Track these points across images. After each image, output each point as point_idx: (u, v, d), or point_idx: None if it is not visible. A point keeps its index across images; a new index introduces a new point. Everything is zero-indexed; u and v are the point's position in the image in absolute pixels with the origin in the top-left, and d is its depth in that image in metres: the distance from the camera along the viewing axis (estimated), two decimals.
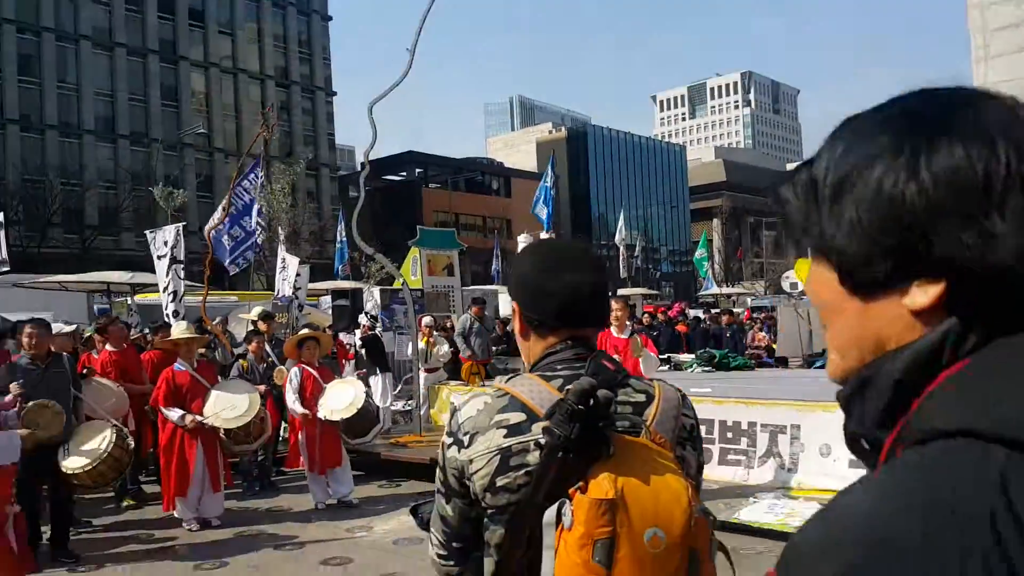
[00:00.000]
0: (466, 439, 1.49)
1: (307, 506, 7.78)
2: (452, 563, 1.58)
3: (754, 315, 23.93)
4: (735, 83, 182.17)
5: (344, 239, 22.50)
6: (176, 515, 7.18)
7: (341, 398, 7.60)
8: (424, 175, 64.72)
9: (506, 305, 19.85)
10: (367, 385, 9.58)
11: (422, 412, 10.78)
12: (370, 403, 7.83)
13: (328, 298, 17.54)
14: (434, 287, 18.06)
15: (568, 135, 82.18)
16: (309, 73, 60.86)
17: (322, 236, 43.23)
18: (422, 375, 11.14)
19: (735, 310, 23.62)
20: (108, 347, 7.92)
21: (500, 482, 1.43)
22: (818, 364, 14.94)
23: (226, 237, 12.91)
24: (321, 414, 7.57)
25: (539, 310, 1.56)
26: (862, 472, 0.66)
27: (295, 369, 7.89)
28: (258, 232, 12.82)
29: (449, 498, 1.53)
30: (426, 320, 11.80)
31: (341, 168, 69.21)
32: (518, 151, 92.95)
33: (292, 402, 7.76)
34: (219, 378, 7.79)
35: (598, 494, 1.27)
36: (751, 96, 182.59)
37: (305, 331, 8.60)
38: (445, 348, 11.99)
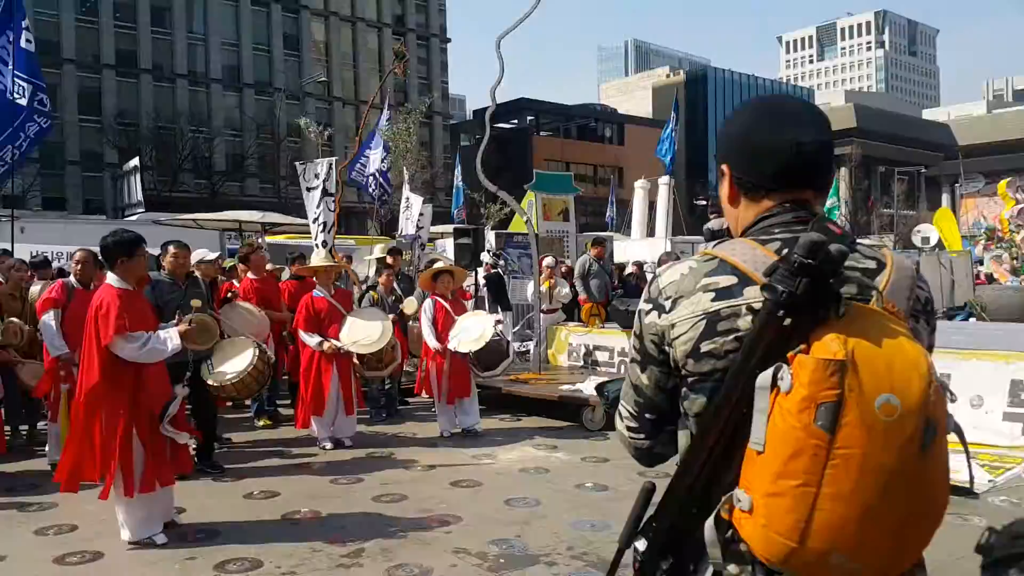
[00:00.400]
0: (668, 303, 1.42)
1: (432, 434, 7.99)
2: (643, 436, 1.54)
3: None
4: (868, 23, 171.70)
5: (460, 183, 22.68)
6: (311, 433, 7.50)
7: (473, 331, 7.69)
8: (535, 122, 64.27)
9: (622, 252, 19.66)
10: None
11: (540, 350, 10.86)
12: (501, 337, 7.88)
13: (444, 241, 17.73)
14: (548, 232, 18.00)
15: (687, 78, 79.70)
16: (424, 21, 61.09)
17: (433, 184, 43.84)
18: (541, 316, 11.17)
19: None
20: (249, 275, 8.26)
21: (705, 348, 1.36)
22: (960, 317, 14.20)
23: (354, 172, 13.27)
24: (452, 346, 7.70)
25: (755, 171, 1.46)
26: (1017, 425, 0.56)
27: (429, 301, 8.04)
28: (384, 163, 13.09)
29: (645, 366, 1.48)
30: (547, 261, 11.81)
31: (453, 117, 69.64)
32: (632, 97, 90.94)
33: (427, 334, 7.92)
34: (354, 306, 8.02)
35: (825, 354, 1.18)
36: (885, 37, 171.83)
37: (440, 264, 8.70)
38: (565, 290, 11.96)
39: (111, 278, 4.96)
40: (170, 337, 4.79)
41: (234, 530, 5.07)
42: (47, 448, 6.69)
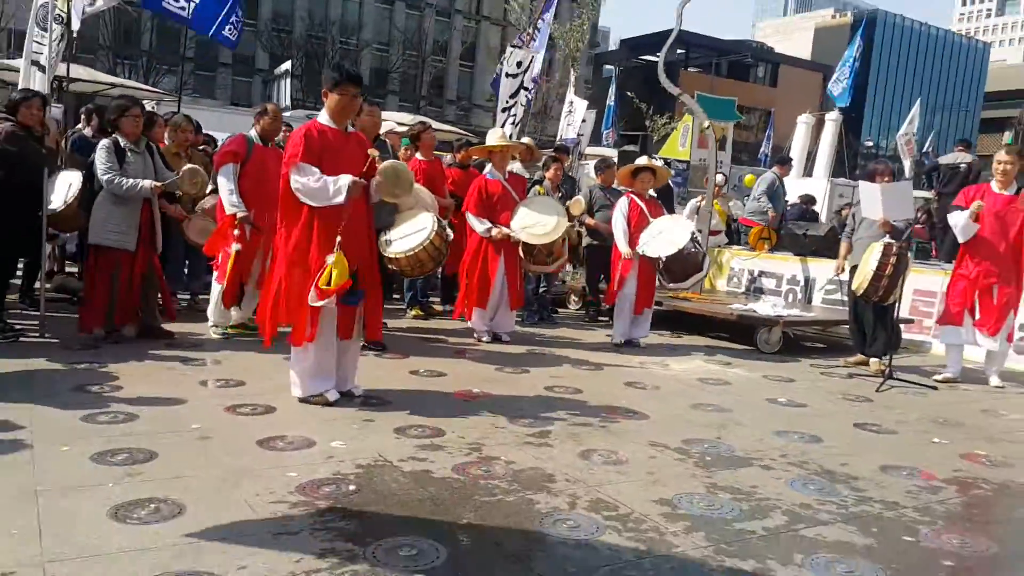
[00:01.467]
0: None
1: (595, 339, 7.52)
2: None
3: None
4: None
5: (613, 102, 21.84)
6: (470, 324, 7.15)
7: (668, 234, 7.04)
8: (685, 56, 61.48)
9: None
10: None
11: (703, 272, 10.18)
12: (696, 246, 7.20)
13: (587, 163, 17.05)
14: (702, 160, 17.01)
15: (853, 20, 74.34)
16: None
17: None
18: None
19: None
20: (418, 155, 7.88)
21: None
22: None
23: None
24: (641, 249, 7.10)
25: None
26: None
27: (624, 199, 7.46)
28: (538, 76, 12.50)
29: None
30: (718, 178, 10.98)
31: (599, 45, 67.65)
32: (790, 39, 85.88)
33: (619, 235, 7.33)
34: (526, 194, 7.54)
35: None
36: None
37: (643, 160, 8.05)
38: (734, 204, 11.15)
39: (321, 114, 4.63)
40: (343, 184, 4.33)
41: (408, 400, 4.76)
42: (209, 310, 6.51)
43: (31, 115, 5.71)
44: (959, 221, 6.53)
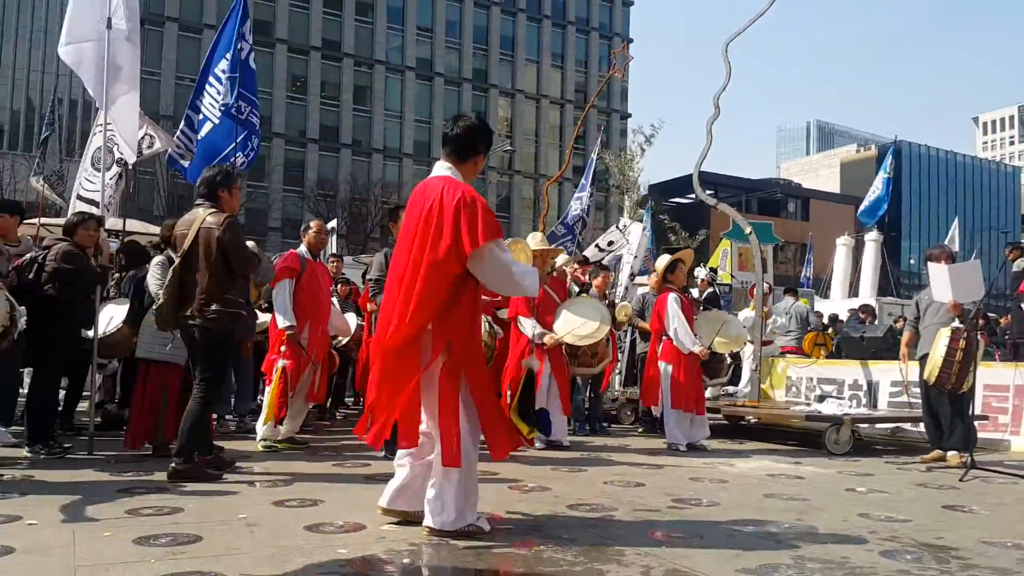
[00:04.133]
0: None
1: (652, 445, 7.21)
2: None
3: None
4: None
5: (649, 234, 22.14)
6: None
7: (720, 330, 6.90)
8: (715, 195, 62.72)
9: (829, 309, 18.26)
10: None
11: (756, 383, 9.87)
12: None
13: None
14: (743, 283, 16.97)
15: (879, 153, 75.84)
16: (607, 93, 62.00)
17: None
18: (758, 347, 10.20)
19: None
20: None
21: None
22: None
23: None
24: (693, 347, 6.94)
25: None
26: None
27: (673, 295, 7.36)
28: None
29: None
30: (765, 287, 10.87)
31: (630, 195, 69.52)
32: (817, 175, 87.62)
33: (684, 334, 7.16)
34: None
35: None
36: None
37: (679, 254, 8.03)
38: (782, 319, 10.95)
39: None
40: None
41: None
42: (258, 424, 6.43)
43: (88, 236, 5.88)
44: None
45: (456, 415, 3.39)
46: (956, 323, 6.24)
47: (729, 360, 8.20)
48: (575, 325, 6.84)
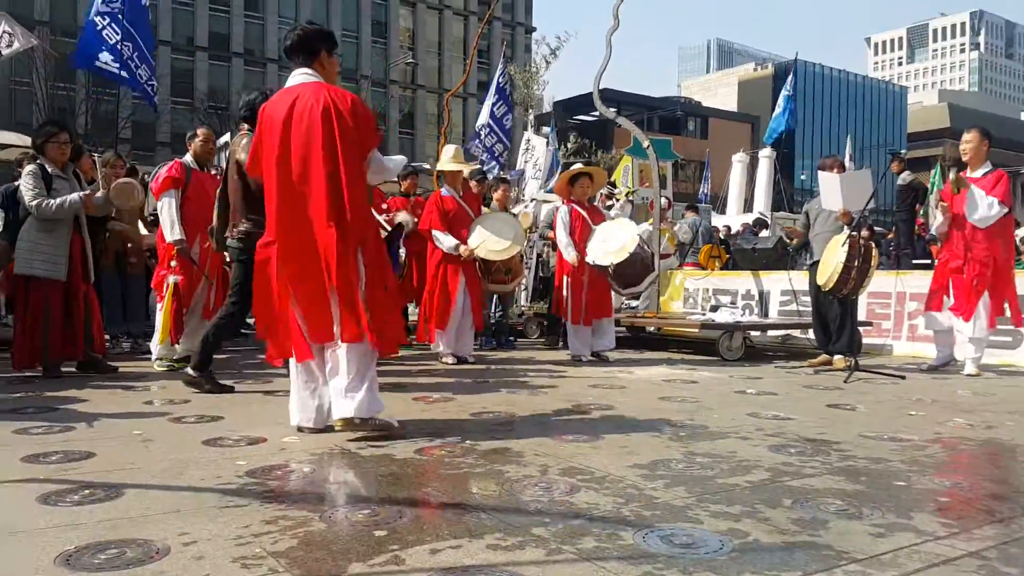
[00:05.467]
0: None
1: (558, 357, 7.35)
2: None
3: None
4: (962, 24, 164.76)
5: (554, 152, 22.11)
6: (434, 348, 6.94)
7: (613, 240, 6.94)
8: (616, 113, 62.94)
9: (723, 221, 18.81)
10: None
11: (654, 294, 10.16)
12: (643, 248, 7.11)
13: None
14: (644, 198, 17.24)
15: (775, 72, 77.39)
16: (511, 6, 60.77)
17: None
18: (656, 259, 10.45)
19: None
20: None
21: None
22: None
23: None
24: (591, 258, 6.99)
25: None
26: None
27: (564, 207, 7.37)
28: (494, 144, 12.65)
29: None
30: (663, 202, 11.06)
31: (535, 108, 69.09)
32: (715, 94, 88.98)
33: (563, 244, 7.20)
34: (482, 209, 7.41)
35: None
36: (980, 38, 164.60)
37: (578, 166, 8.02)
38: (683, 236, 11.22)
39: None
40: None
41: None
42: (153, 343, 6.21)
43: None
44: (938, 216, 6.65)
45: (358, 296, 3.48)
46: (847, 230, 6.49)
47: (656, 263, 8.26)
48: (489, 240, 6.82)
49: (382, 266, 3.68)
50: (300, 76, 3.72)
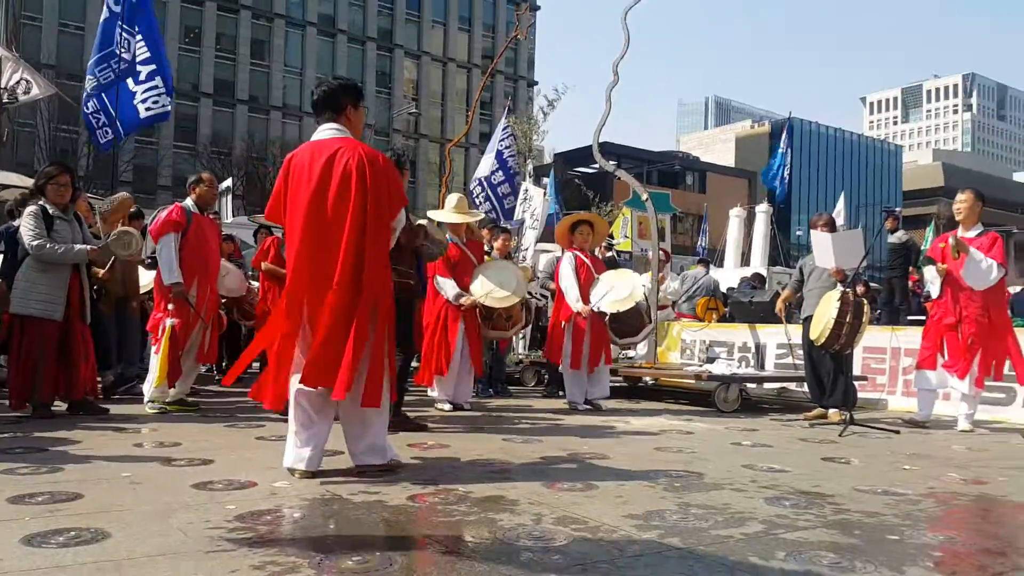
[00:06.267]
0: None
1: (554, 406, 7.31)
2: None
3: None
4: (955, 86, 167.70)
5: (553, 202, 22.29)
6: (430, 393, 6.92)
7: (621, 289, 6.96)
8: (616, 167, 63.61)
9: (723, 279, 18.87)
10: None
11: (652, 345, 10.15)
12: (644, 300, 7.15)
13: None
14: (643, 250, 17.32)
15: (772, 129, 78.41)
16: (514, 60, 61.81)
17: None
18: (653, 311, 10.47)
19: None
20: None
21: None
22: None
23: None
24: (595, 305, 6.99)
25: None
26: None
27: (568, 254, 7.40)
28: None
29: None
30: (661, 255, 11.13)
31: (535, 158, 69.90)
32: (712, 150, 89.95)
33: (569, 290, 7.21)
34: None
35: None
36: (973, 100, 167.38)
37: (581, 213, 8.08)
38: (675, 284, 11.26)
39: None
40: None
41: None
42: (145, 386, 6.19)
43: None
44: (932, 274, 6.63)
45: (382, 359, 3.66)
46: (840, 287, 6.54)
47: (653, 316, 8.30)
48: (491, 288, 6.85)
49: (391, 332, 3.80)
50: (328, 131, 3.84)
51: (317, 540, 2.71)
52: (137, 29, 9.70)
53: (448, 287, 6.80)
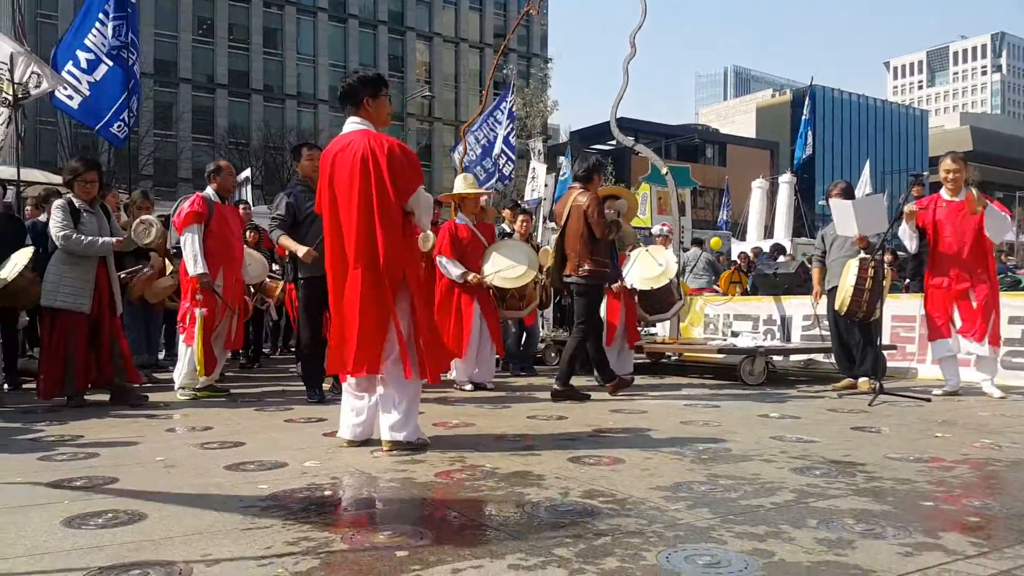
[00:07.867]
0: None
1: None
2: None
3: None
4: (983, 46, 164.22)
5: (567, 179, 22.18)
6: (450, 376, 6.92)
7: (652, 266, 6.95)
8: (635, 141, 63.17)
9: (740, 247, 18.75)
10: None
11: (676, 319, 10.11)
12: (675, 277, 7.14)
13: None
14: (663, 226, 17.21)
15: (793, 98, 77.41)
16: (526, 38, 61.39)
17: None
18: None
19: None
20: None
21: None
22: None
23: (478, 169, 12.84)
24: (629, 282, 6.99)
25: None
26: None
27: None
28: (503, 164, 12.68)
29: None
30: (664, 230, 11.05)
31: (551, 138, 69.62)
32: (733, 121, 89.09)
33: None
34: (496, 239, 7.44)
35: None
36: (1002, 60, 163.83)
37: (611, 187, 8.04)
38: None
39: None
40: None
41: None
42: (176, 372, 6.26)
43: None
44: (903, 231, 6.59)
45: (415, 334, 3.87)
46: (863, 254, 6.47)
47: (682, 292, 8.26)
48: (502, 268, 6.84)
49: (427, 304, 4.08)
50: (350, 124, 4.04)
51: (348, 516, 2.75)
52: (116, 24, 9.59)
53: (452, 268, 6.80)
